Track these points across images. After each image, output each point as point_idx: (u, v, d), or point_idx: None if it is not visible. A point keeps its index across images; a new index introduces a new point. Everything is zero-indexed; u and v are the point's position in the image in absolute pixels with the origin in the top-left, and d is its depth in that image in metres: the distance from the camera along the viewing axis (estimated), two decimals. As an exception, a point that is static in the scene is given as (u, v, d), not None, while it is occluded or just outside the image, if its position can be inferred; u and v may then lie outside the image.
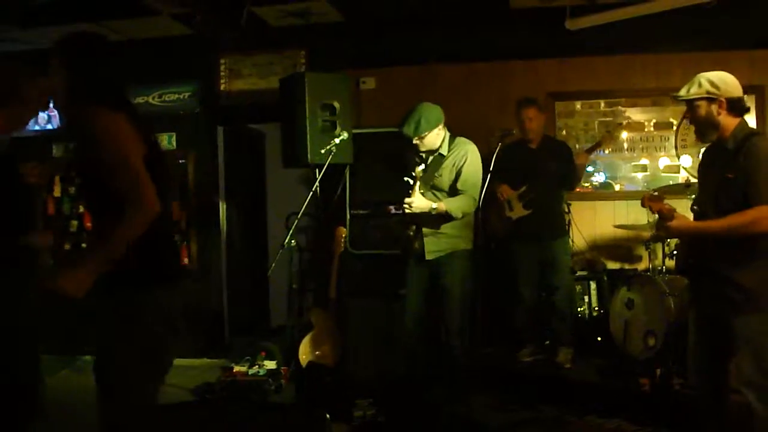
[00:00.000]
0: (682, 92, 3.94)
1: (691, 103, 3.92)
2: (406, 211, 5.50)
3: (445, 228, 5.61)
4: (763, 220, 3.64)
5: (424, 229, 5.63)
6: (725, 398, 3.96)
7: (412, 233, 5.67)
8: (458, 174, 5.60)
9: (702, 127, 3.95)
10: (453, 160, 5.63)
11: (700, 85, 3.87)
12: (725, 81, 3.87)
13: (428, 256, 5.66)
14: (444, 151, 5.67)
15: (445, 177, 5.63)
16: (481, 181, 5.63)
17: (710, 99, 3.84)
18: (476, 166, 5.65)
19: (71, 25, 7.31)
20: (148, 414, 3.24)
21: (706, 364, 4.07)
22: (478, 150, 5.72)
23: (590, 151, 6.43)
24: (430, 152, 5.68)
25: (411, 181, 5.49)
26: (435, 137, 5.61)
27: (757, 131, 4.32)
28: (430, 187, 5.63)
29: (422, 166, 5.57)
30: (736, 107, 3.87)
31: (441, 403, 5.56)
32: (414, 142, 5.57)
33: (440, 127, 5.61)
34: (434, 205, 5.48)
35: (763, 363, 3.72)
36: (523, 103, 6.50)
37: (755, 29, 7.08)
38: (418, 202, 5.45)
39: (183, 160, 8.29)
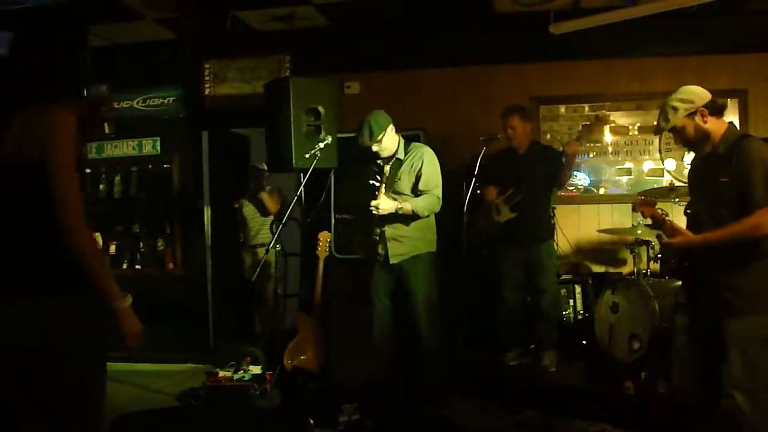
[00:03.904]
0: (663, 125, 3.96)
1: (675, 128, 3.94)
2: (374, 213, 5.63)
3: (407, 231, 5.75)
4: (764, 224, 3.64)
5: (387, 233, 5.74)
6: (717, 402, 3.96)
7: (377, 237, 5.75)
8: (418, 176, 5.75)
9: (696, 142, 3.96)
10: (410, 163, 5.80)
11: (675, 109, 3.89)
12: (693, 92, 3.91)
13: (392, 260, 5.79)
14: (401, 155, 5.84)
15: (404, 180, 5.79)
16: (441, 179, 5.82)
17: (691, 114, 3.87)
18: (434, 166, 5.82)
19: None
20: None
21: (698, 368, 4.07)
22: (464, 154, 5.76)
23: (579, 138, 6.44)
24: (388, 159, 5.80)
25: (377, 184, 5.65)
26: (391, 141, 5.77)
27: (748, 134, 4.33)
28: (392, 192, 5.76)
29: (388, 167, 5.71)
30: (715, 109, 3.90)
31: (426, 408, 5.56)
32: (374, 149, 5.72)
33: (391, 128, 5.76)
34: (400, 205, 5.64)
35: (754, 366, 3.72)
36: (506, 111, 6.51)
37: (737, 34, 7.12)
38: (384, 204, 5.62)
39: (167, 165, 8.28)
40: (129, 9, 6.99)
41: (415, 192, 5.78)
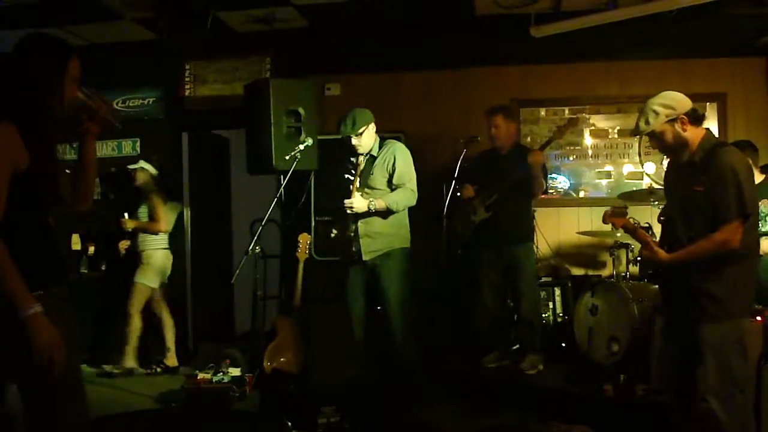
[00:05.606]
0: (643, 127, 3.94)
1: (654, 133, 3.93)
2: (348, 212, 5.70)
3: (380, 227, 5.78)
4: (731, 240, 3.68)
5: (360, 230, 5.79)
6: (693, 405, 3.97)
7: (351, 234, 5.76)
8: (391, 171, 5.80)
9: (674, 148, 3.96)
10: (383, 158, 5.84)
11: (656, 113, 3.87)
12: (675, 98, 3.90)
13: (365, 257, 5.81)
14: (375, 152, 5.88)
15: (377, 175, 5.82)
16: (414, 173, 5.86)
17: (671, 120, 3.86)
18: (406, 160, 5.86)
19: (33, 29, 7.23)
20: None
21: (674, 372, 4.08)
22: (444, 156, 5.76)
23: (543, 147, 6.42)
24: (363, 155, 5.87)
25: (351, 178, 5.73)
26: (370, 137, 5.84)
27: (724, 142, 4.34)
28: (365, 187, 5.81)
29: (362, 164, 5.78)
30: (696, 117, 3.89)
31: (405, 410, 5.56)
32: (353, 142, 5.76)
33: (373, 126, 5.85)
34: (373, 201, 5.69)
35: (728, 371, 3.73)
36: (490, 111, 6.48)
37: (716, 38, 7.18)
38: (358, 202, 5.67)
39: (147, 166, 8.23)
40: (108, 9, 6.94)
41: (390, 186, 5.81)
